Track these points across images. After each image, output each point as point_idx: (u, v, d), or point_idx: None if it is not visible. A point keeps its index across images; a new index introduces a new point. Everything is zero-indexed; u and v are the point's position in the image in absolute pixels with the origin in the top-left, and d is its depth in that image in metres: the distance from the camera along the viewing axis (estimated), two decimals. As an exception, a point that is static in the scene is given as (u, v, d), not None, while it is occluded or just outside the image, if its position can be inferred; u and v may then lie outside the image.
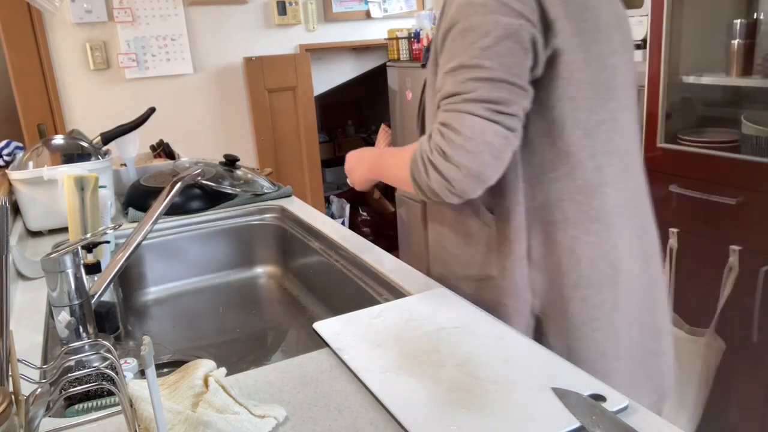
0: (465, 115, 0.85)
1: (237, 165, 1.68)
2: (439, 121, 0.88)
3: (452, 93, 0.87)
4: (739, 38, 1.76)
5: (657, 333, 1.08)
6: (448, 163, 0.86)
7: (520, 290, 0.97)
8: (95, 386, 0.75)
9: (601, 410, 0.64)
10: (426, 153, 0.89)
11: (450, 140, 0.86)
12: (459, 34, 0.88)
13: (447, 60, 0.89)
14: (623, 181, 0.98)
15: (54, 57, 2.75)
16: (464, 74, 0.86)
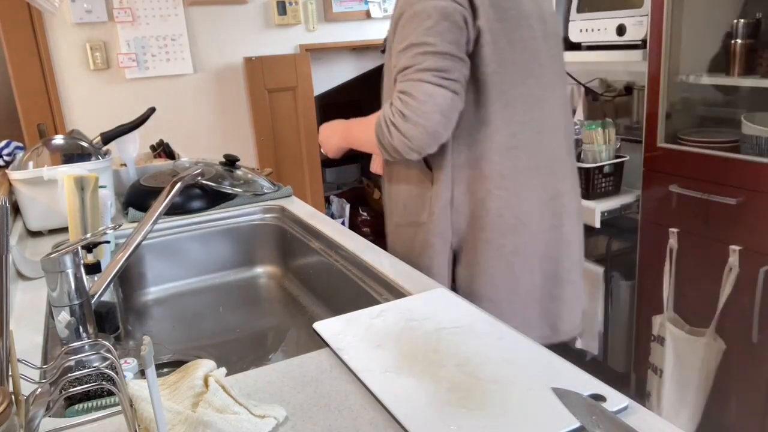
0: (418, 83, 1.05)
1: (237, 165, 1.68)
2: (398, 90, 1.07)
3: (406, 66, 1.06)
4: (739, 38, 1.76)
5: (559, 281, 1.23)
6: (407, 124, 1.05)
7: (443, 231, 1.19)
8: (95, 386, 0.75)
9: (601, 410, 0.64)
10: (388, 116, 1.08)
11: (407, 104, 1.05)
12: (407, 20, 1.07)
13: (399, 42, 1.09)
14: (536, 147, 1.16)
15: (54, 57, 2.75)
16: (414, 50, 1.06)
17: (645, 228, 2.03)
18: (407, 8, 1.08)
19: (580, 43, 2.17)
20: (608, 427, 0.61)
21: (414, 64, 1.06)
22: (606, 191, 2.08)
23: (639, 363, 2.13)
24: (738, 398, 1.81)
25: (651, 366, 2.02)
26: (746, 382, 1.78)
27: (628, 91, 2.30)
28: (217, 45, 3.06)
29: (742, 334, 1.76)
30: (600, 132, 2.03)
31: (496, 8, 1.09)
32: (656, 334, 1.99)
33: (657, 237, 1.97)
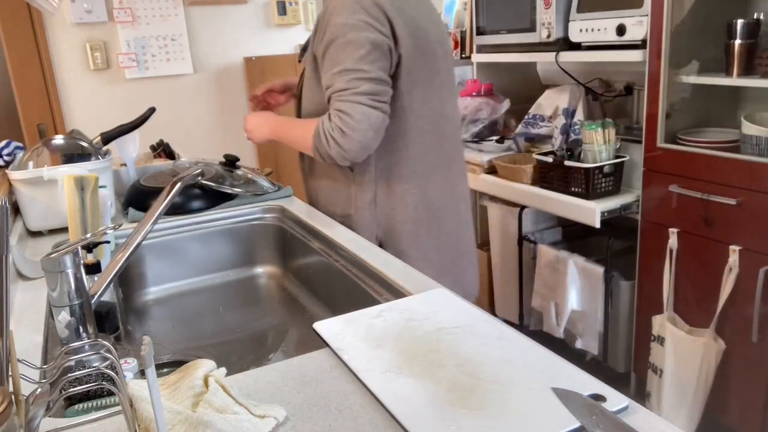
0: (355, 105, 1.25)
1: (237, 165, 1.68)
2: (336, 108, 1.26)
3: (343, 89, 1.25)
4: (739, 38, 1.76)
5: (462, 253, 1.49)
6: (344, 138, 1.26)
7: (368, 224, 1.41)
8: (95, 386, 0.75)
9: (601, 410, 0.64)
10: (328, 130, 1.28)
11: (345, 122, 1.25)
12: (340, 46, 1.26)
13: (332, 65, 1.27)
14: (440, 149, 1.42)
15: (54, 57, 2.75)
16: (350, 75, 1.25)
17: (645, 228, 2.03)
18: (339, 36, 1.26)
19: (580, 43, 2.18)
20: (608, 427, 0.61)
21: (350, 88, 1.25)
22: (606, 191, 2.08)
23: (639, 363, 2.13)
24: (738, 398, 1.81)
25: (651, 366, 2.02)
26: (746, 382, 1.78)
27: (628, 91, 2.30)
28: (217, 45, 3.06)
29: (742, 334, 1.76)
30: (600, 132, 2.03)
31: (413, 38, 1.31)
32: (656, 334, 1.99)
33: (657, 237, 1.97)
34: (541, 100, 2.41)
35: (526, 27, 2.33)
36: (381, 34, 1.26)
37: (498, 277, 2.70)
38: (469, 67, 2.76)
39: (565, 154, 2.12)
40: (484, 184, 2.49)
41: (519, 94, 2.71)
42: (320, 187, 1.52)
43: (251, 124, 1.53)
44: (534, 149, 2.42)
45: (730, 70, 1.80)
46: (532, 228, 2.50)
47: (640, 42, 1.95)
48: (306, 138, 1.34)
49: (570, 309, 2.25)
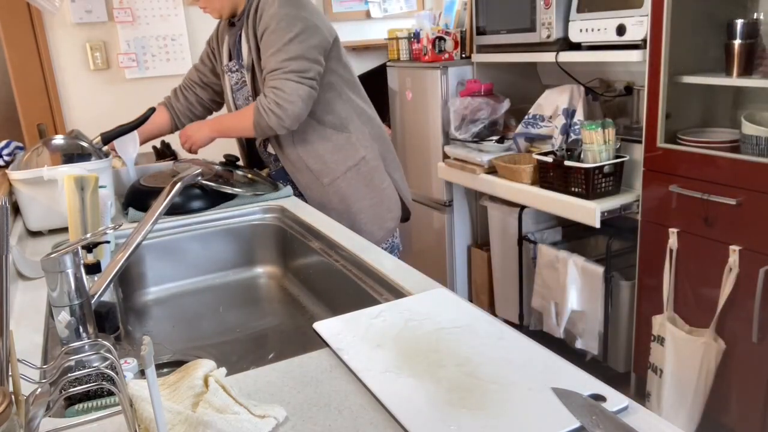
0: (286, 81, 1.52)
1: (237, 165, 1.68)
2: (270, 86, 1.54)
3: (275, 69, 1.53)
4: (739, 38, 1.76)
5: None
6: (279, 110, 1.53)
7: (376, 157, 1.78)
8: (95, 386, 0.75)
9: (601, 410, 0.64)
10: (266, 105, 1.54)
11: (279, 96, 1.52)
12: (273, 32, 1.52)
13: (266, 48, 1.54)
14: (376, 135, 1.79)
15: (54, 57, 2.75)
16: (280, 56, 1.52)
17: (645, 228, 2.03)
18: (272, 23, 1.52)
19: (580, 43, 2.17)
20: (608, 427, 0.61)
21: (281, 68, 1.52)
22: (606, 191, 2.08)
23: (639, 363, 2.13)
24: (738, 398, 1.81)
25: (651, 366, 2.02)
26: (746, 382, 1.78)
27: (628, 91, 2.30)
28: (217, 45, 3.06)
29: (742, 334, 1.76)
30: (600, 132, 2.03)
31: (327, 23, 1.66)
32: (656, 334, 1.99)
33: (657, 237, 1.97)
34: (541, 100, 2.41)
35: (526, 27, 2.33)
36: (306, 20, 1.54)
37: (498, 277, 2.70)
38: (469, 67, 2.75)
39: (565, 154, 2.12)
40: (484, 184, 2.49)
41: (519, 94, 2.71)
42: (317, 158, 1.72)
43: (190, 129, 1.71)
44: (534, 149, 2.42)
45: (730, 70, 1.80)
46: (532, 228, 2.50)
47: (640, 42, 1.95)
48: (244, 119, 1.60)
49: (570, 309, 2.25)
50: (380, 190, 1.76)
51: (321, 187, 1.72)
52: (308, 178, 1.72)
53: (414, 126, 2.93)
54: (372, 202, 1.75)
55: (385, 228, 1.78)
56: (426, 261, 3.04)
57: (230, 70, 1.75)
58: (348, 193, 1.72)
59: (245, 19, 1.63)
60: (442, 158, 2.75)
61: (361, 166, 1.72)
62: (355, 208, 1.73)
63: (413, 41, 2.91)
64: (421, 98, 2.85)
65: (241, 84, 1.73)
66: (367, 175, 1.73)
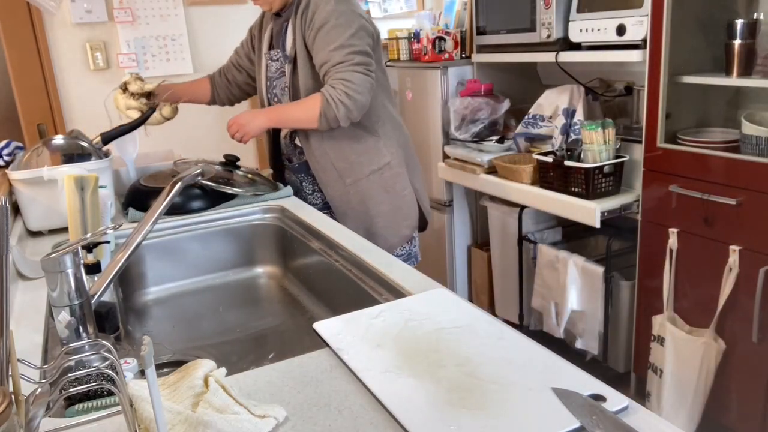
0: (354, 73, 1.53)
1: (237, 165, 1.68)
2: (338, 78, 1.53)
3: (341, 61, 1.54)
4: (739, 38, 1.76)
5: None
6: (350, 101, 1.53)
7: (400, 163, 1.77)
8: (95, 386, 0.75)
9: (601, 410, 0.64)
10: (336, 96, 1.53)
11: (349, 87, 1.53)
12: (333, 28, 1.54)
13: (327, 44, 1.55)
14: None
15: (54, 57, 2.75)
16: (345, 50, 1.54)
17: (645, 228, 2.03)
18: (332, 19, 1.54)
19: (580, 43, 2.17)
20: (608, 427, 0.61)
21: (347, 60, 1.53)
22: (606, 191, 2.08)
23: (639, 363, 2.13)
24: (738, 398, 1.81)
25: (651, 366, 2.02)
26: (746, 382, 1.78)
27: (628, 91, 2.30)
28: (217, 45, 3.06)
29: (742, 334, 1.76)
30: (600, 132, 2.03)
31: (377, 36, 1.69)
32: (656, 334, 1.99)
33: (657, 237, 1.97)
34: (541, 100, 2.40)
35: (526, 27, 2.33)
36: (362, 17, 1.58)
37: (498, 277, 2.70)
38: (469, 67, 2.75)
39: (565, 154, 2.12)
40: (484, 184, 2.49)
41: (519, 94, 2.71)
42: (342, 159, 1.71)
43: (243, 118, 1.65)
44: (534, 149, 2.42)
45: (730, 70, 1.80)
46: (532, 228, 2.50)
47: (640, 42, 1.95)
48: (309, 109, 1.57)
49: (570, 309, 2.25)
50: (400, 197, 1.75)
51: (342, 186, 1.71)
52: (331, 175, 1.71)
53: (414, 126, 2.93)
54: (391, 207, 1.74)
55: (400, 235, 1.77)
56: (426, 261, 3.04)
57: (271, 59, 1.74)
58: (368, 196, 1.72)
59: (293, 12, 1.63)
60: (442, 158, 2.75)
61: (384, 170, 1.72)
62: (374, 212, 1.72)
63: (413, 41, 2.91)
64: (421, 98, 2.85)
65: (280, 74, 1.72)
66: (390, 180, 1.73)
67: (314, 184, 1.79)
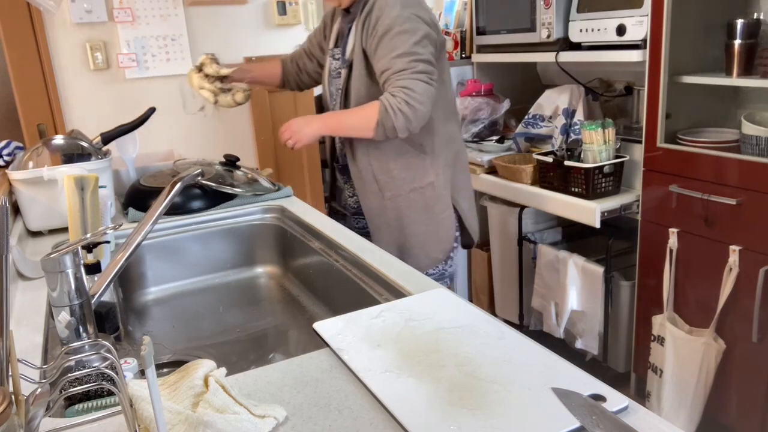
0: (416, 81, 1.45)
1: (237, 165, 1.68)
2: (399, 86, 1.45)
3: (403, 69, 1.46)
4: (739, 38, 1.76)
5: None
6: (411, 109, 1.45)
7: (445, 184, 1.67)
8: (95, 386, 0.75)
9: (601, 410, 0.64)
10: (395, 105, 1.45)
11: (410, 96, 1.44)
12: (396, 35, 1.47)
13: (389, 51, 1.47)
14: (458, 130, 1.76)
15: (54, 57, 2.75)
16: (408, 57, 1.46)
17: (645, 228, 2.03)
18: (396, 25, 1.47)
19: (580, 43, 2.17)
20: (608, 427, 0.61)
21: (409, 68, 1.46)
22: (606, 191, 2.08)
23: (639, 363, 2.13)
24: (738, 398, 1.81)
25: (651, 366, 2.02)
26: (746, 382, 1.78)
27: (628, 91, 2.30)
28: (217, 45, 3.06)
29: (742, 334, 1.76)
30: (600, 132, 2.03)
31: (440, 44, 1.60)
32: (656, 334, 1.99)
33: (657, 237, 1.97)
34: (541, 100, 2.40)
35: (526, 27, 2.33)
36: (427, 25, 1.50)
37: (498, 277, 2.70)
38: (469, 67, 2.75)
39: (565, 154, 2.12)
40: (484, 184, 2.49)
41: (519, 94, 2.71)
42: (386, 171, 1.66)
43: (296, 124, 1.58)
44: (534, 149, 2.42)
45: (730, 70, 1.80)
46: (532, 228, 2.50)
47: (640, 42, 1.95)
48: (366, 117, 1.49)
49: (570, 309, 2.25)
50: (438, 219, 1.67)
51: (380, 200, 1.65)
52: (371, 187, 1.65)
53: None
54: (427, 229, 1.67)
55: (432, 258, 1.69)
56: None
57: (333, 57, 1.70)
58: (405, 214, 1.65)
59: (359, 13, 1.57)
60: (442, 158, 2.75)
61: (426, 190, 1.64)
62: (409, 231, 1.66)
63: (413, 41, 2.90)
64: (421, 98, 2.85)
65: (337, 74, 1.67)
66: (430, 200, 1.65)
67: (353, 187, 1.73)
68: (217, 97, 1.77)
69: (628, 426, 0.61)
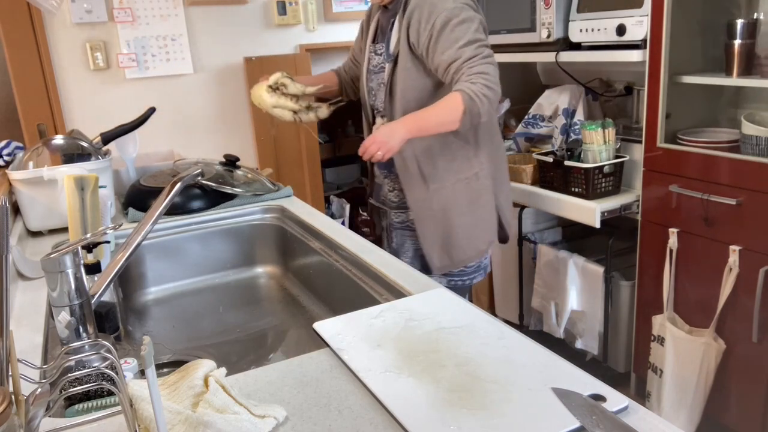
0: (488, 65, 1.49)
1: (237, 165, 1.68)
2: (476, 72, 1.47)
3: (473, 56, 1.48)
4: (739, 38, 1.76)
5: None
6: (492, 93, 1.47)
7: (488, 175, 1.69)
8: (95, 386, 0.75)
9: (601, 410, 0.64)
10: (479, 92, 1.45)
11: (489, 80, 1.47)
12: (456, 25, 1.49)
13: (453, 42, 1.49)
14: None
15: (54, 57, 2.75)
16: (475, 45, 1.49)
17: (645, 228, 2.03)
18: (454, 17, 1.49)
19: (580, 43, 2.17)
20: (608, 427, 0.61)
21: (478, 54, 1.48)
22: (606, 191, 2.08)
23: (639, 363, 2.13)
24: (738, 398, 1.81)
25: (651, 366, 2.02)
26: (746, 382, 1.78)
27: (628, 91, 2.30)
28: (217, 45, 3.06)
29: (742, 334, 1.76)
30: (600, 132, 2.03)
31: None
32: (656, 334, 1.99)
33: (657, 237, 1.97)
34: (541, 100, 2.40)
35: (526, 27, 2.33)
36: (476, 12, 1.55)
37: (498, 277, 2.70)
38: (469, 67, 2.75)
39: (565, 154, 2.12)
40: (484, 184, 2.49)
41: (519, 94, 2.71)
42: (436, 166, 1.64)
43: (382, 134, 1.48)
44: (534, 149, 2.42)
45: (730, 70, 1.80)
46: (532, 228, 2.50)
47: (640, 42, 1.95)
48: (452, 110, 1.47)
49: (570, 309, 2.25)
50: (482, 210, 1.68)
51: (425, 192, 1.64)
52: (415, 179, 1.64)
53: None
54: (471, 219, 1.67)
55: (477, 249, 1.69)
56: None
57: (375, 52, 1.69)
58: (450, 205, 1.64)
59: (401, 8, 1.58)
60: (442, 158, 2.75)
61: (471, 181, 1.65)
62: (454, 222, 1.65)
63: (413, 41, 2.90)
64: (421, 98, 2.85)
65: (380, 69, 1.67)
66: (475, 192, 1.66)
67: (395, 182, 1.70)
68: (299, 115, 1.72)
69: (628, 426, 0.61)
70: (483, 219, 1.69)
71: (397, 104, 1.60)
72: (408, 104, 1.58)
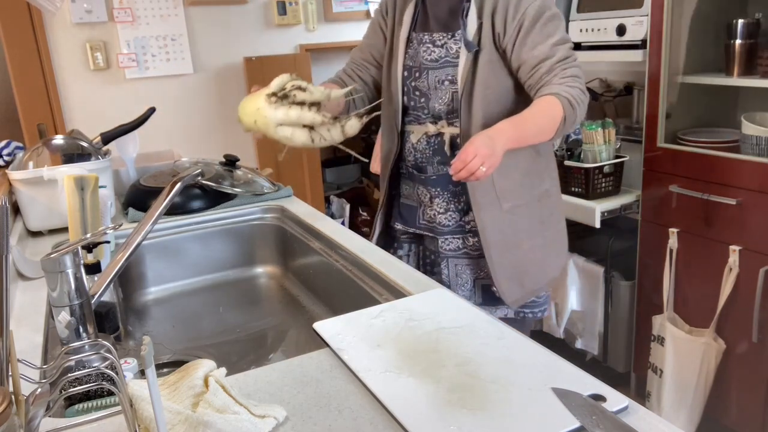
0: (578, 68, 1.31)
1: (237, 165, 1.68)
2: (570, 75, 1.29)
3: (566, 56, 1.30)
4: (739, 38, 1.76)
5: None
6: (586, 98, 1.30)
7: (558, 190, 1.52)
8: (95, 386, 0.75)
9: (601, 410, 0.64)
10: (577, 96, 1.28)
11: (583, 84, 1.30)
12: (548, 19, 1.30)
13: (546, 37, 1.30)
14: None
15: (54, 57, 2.75)
16: (567, 44, 1.32)
17: (645, 228, 2.03)
18: (546, 10, 1.31)
19: (580, 43, 2.17)
20: (608, 427, 0.61)
21: (571, 55, 1.32)
22: (606, 191, 2.08)
23: (639, 363, 2.13)
24: (738, 398, 1.81)
25: (651, 366, 2.02)
26: (746, 382, 1.78)
27: (628, 91, 2.30)
28: (217, 45, 3.06)
29: (742, 334, 1.76)
30: (600, 132, 2.03)
31: None
32: (656, 334, 1.99)
33: (657, 237, 1.97)
34: (541, 100, 2.40)
35: (526, 27, 2.33)
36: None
37: (498, 277, 2.70)
38: (469, 67, 2.75)
39: (565, 154, 2.12)
40: (484, 184, 2.49)
41: (519, 94, 2.70)
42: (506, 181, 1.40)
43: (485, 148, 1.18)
44: (534, 149, 2.42)
45: (730, 70, 1.80)
46: (532, 228, 2.49)
47: (640, 42, 1.95)
48: (553, 118, 1.26)
49: (570, 309, 2.25)
50: (555, 230, 1.49)
51: (498, 212, 1.38)
52: (489, 196, 1.38)
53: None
54: (544, 241, 1.45)
55: (549, 277, 1.47)
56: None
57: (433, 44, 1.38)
58: (522, 227, 1.41)
59: None
60: (442, 158, 2.75)
61: (542, 198, 1.44)
62: (526, 246, 1.42)
63: (413, 41, 2.90)
64: (421, 98, 2.85)
65: (444, 63, 1.37)
66: (547, 209, 1.45)
67: (450, 201, 1.42)
68: (319, 132, 1.26)
69: (628, 426, 0.61)
70: (555, 239, 1.49)
71: (476, 105, 1.32)
72: (489, 107, 1.33)
